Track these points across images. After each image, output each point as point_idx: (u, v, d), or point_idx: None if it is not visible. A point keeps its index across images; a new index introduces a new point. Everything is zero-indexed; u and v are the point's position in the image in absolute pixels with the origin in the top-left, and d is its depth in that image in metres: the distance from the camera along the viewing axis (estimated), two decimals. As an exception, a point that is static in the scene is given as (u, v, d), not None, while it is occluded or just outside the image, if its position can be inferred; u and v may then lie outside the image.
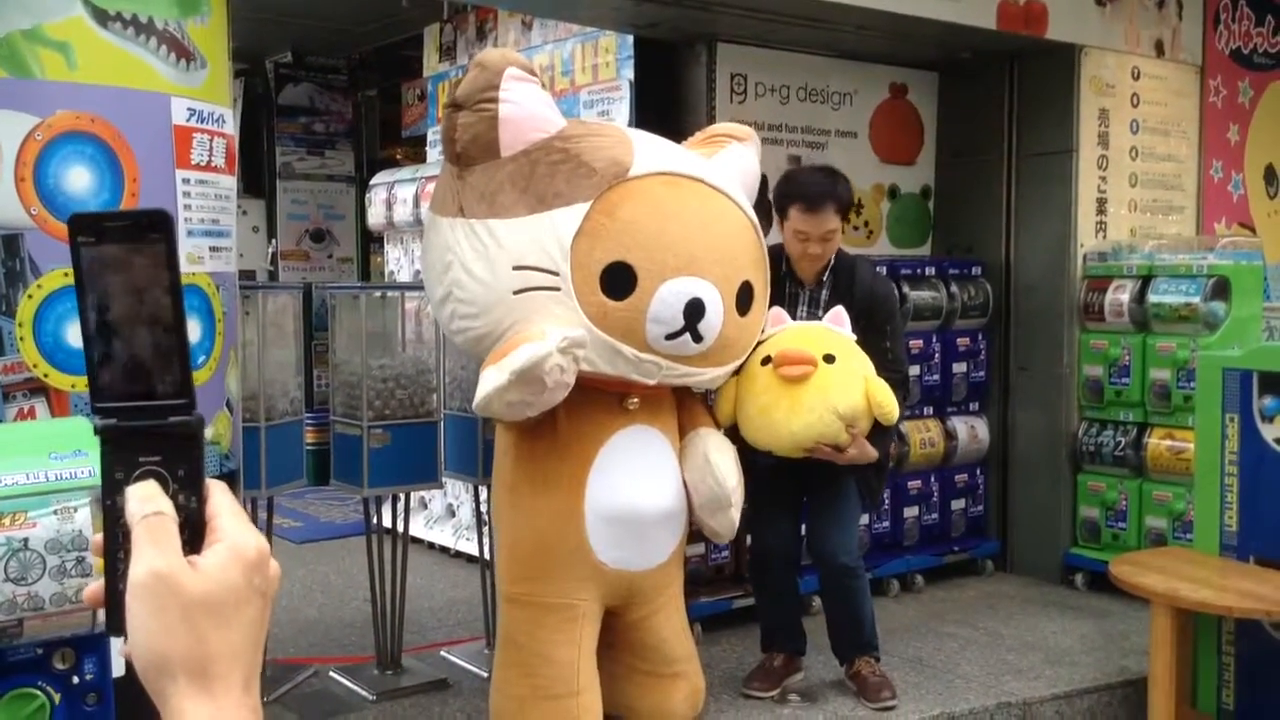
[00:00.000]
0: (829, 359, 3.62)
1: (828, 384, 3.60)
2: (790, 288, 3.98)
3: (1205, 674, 4.03)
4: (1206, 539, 4.10)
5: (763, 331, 3.75)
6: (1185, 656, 3.95)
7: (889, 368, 3.83)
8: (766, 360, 3.65)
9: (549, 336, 3.13)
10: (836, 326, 3.79)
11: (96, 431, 0.79)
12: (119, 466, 0.78)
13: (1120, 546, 5.14)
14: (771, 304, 3.77)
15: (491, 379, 3.15)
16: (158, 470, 0.78)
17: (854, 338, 3.77)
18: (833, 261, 3.98)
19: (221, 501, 0.80)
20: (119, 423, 0.78)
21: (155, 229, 0.77)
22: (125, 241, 0.77)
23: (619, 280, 3.27)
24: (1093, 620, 4.96)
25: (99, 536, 0.79)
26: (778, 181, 4.06)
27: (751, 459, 3.79)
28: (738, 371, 3.70)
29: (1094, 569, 5.23)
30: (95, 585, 0.79)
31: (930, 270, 5.53)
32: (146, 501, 0.76)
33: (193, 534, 0.77)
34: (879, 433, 3.79)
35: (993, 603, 5.24)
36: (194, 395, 0.79)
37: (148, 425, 0.78)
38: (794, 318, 3.90)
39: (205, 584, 0.74)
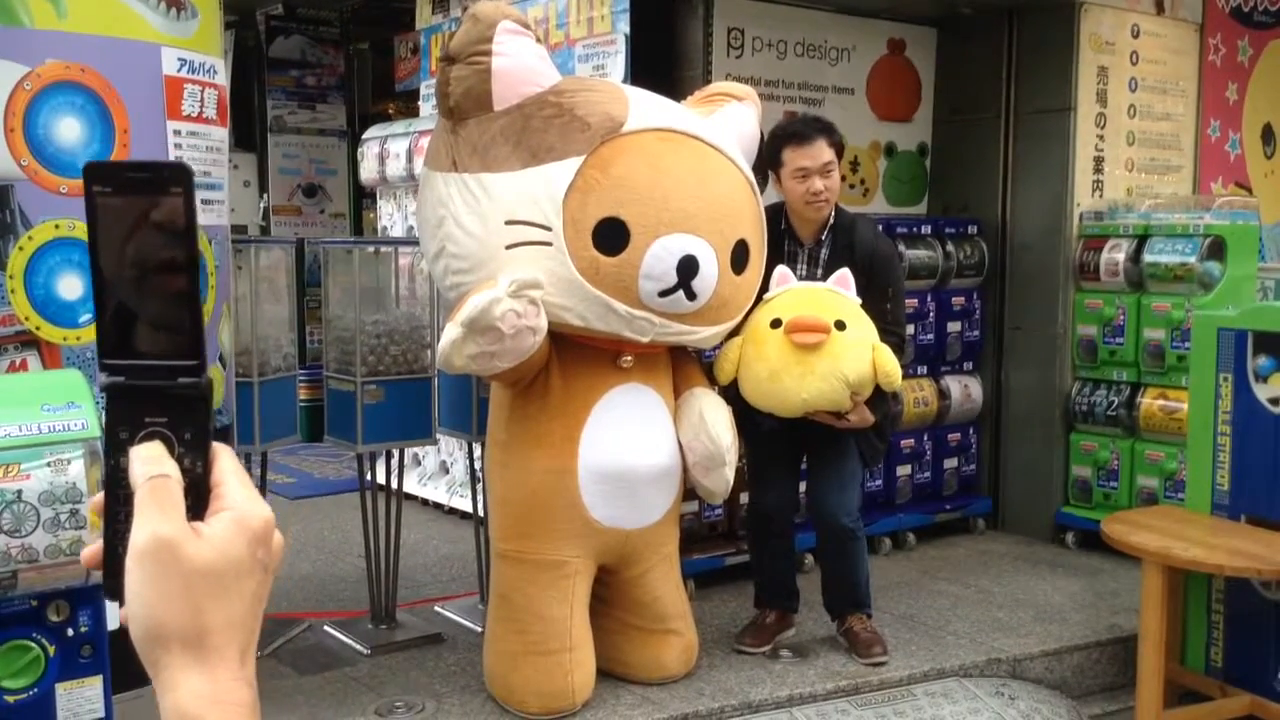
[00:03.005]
0: (840, 325, 3.61)
1: (839, 352, 3.59)
2: (789, 246, 3.95)
3: (1195, 632, 4.07)
4: (1198, 498, 4.11)
5: (767, 291, 3.74)
6: (1175, 614, 3.98)
7: (888, 329, 3.81)
8: (776, 323, 3.64)
9: (500, 283, 3.12)
10: (842, 290, 3.76)
11: (102, 388, 0.76)
12: (123, 426, 0.76)
13: (1112, 506, 5.16)
14: (770, 263, 3.75)
15: (447, 334, 3.17)
16: (163, 432, 0.75)
17: (859, 302, 3.76)
18: (832, 219, 3.95)
19: (227, 467, 0.77)
20: (126, 381, 0.76)
21: (176, 183, 0.75)
22: (143, 194, 0.74)
23: (612, 236, 3.25)
24: (1083, 578, 4.99)
25: (99, 497, 0.77)
26: (765, 142, 4.00)
27: (753, 420, 3.79)
28: (737, 331, 3.69)
29: (1085, 528, 5.25)
30: (94, 547, 0.77)
31: (926, 229, 5.51)
32: (151, 463, 0.73)
33: (196, 499, 0.75)
34: (879, 396, 3.79)
35: (984, 561, 5.27)
36: (205, 356, 0.77)
37: (155, 385, 0.76)
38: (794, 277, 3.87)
39: (208, 553, 0.72)
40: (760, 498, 4.06)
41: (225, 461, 0.77)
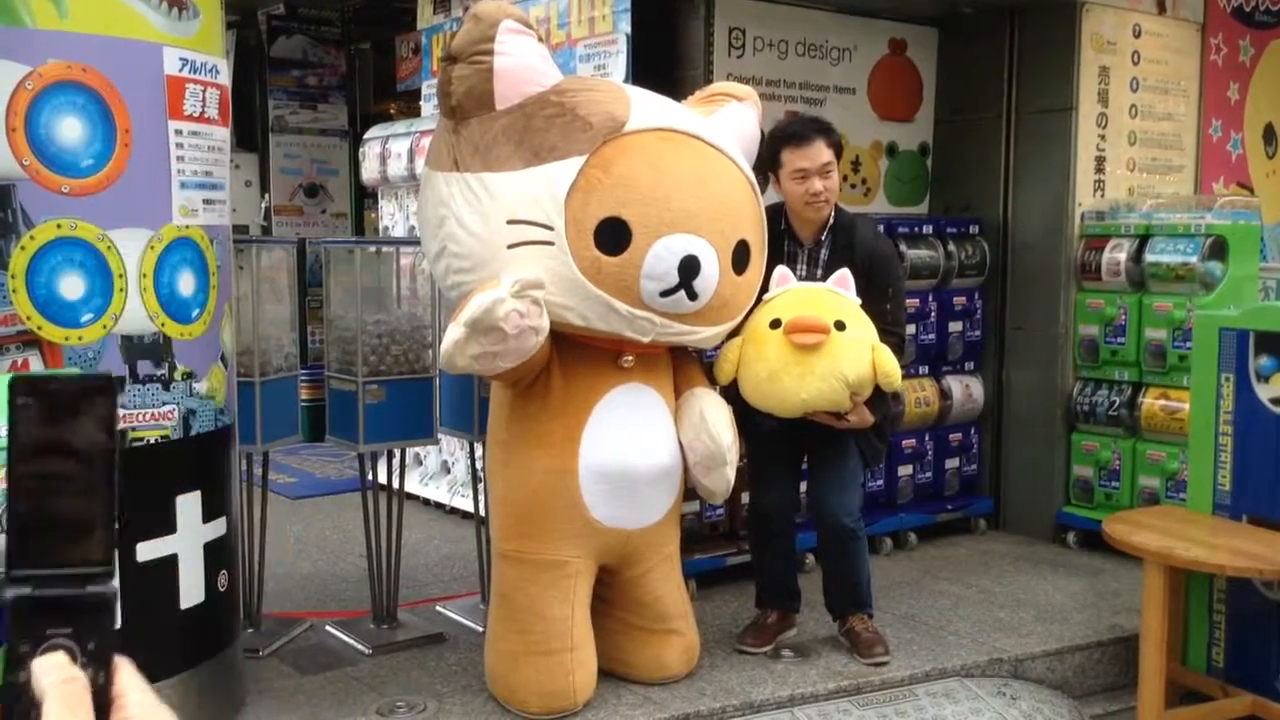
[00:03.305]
0: (840, 326, 3.61)
1: (839, 352, 3.58)
2: (789, 246, 3.95)
3: (1196, 632, 4.07)
4: (1199, 498, 4.11)
5: (767, 291, 3.73)
6: (1176, 614, 3.98)
7: (888, 329, 3.81)
8: (776, 324, 3.64)
9: (503, 283, 3.12)
10: (842, 290, 3.76)
11: (7, 603, 0.74)
12: (26, 639, 0.73)
13: (1113, 506, 5.16)
14: (770, 264, 3.74)
15: (450, 334, 3.17)
16: (66, 643, 0.74)
17: (859, 302, 3.76)
18: (832, 219, 3.95)
19: (129, 679, 0.76)
20: (32, 592, 0.73)
21: (101, 393, 0.74)
22: (67, 405, 0.74)
23: (613, 236, 3.25)
24: (1084, 578, 4.98)
25: None
26: (763, 142, 3.97)
27: (753, 420, 3.79)
28: (737, 331, 3.69)
29: (1086, 528, 5.25)
30: None
31: (928, 229, 5.51)
32: (57, 670, 0.72)
33: (98, 711, 0.73)
34: (878, 396, 3.79)
35: (985, 561, 5.27)
36: (114, 563, 0.75)
37: (61, 595, 0.74)
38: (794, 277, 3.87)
39: None
40: (761, 498, 4.06)
41: (126, 673, 0.77)
